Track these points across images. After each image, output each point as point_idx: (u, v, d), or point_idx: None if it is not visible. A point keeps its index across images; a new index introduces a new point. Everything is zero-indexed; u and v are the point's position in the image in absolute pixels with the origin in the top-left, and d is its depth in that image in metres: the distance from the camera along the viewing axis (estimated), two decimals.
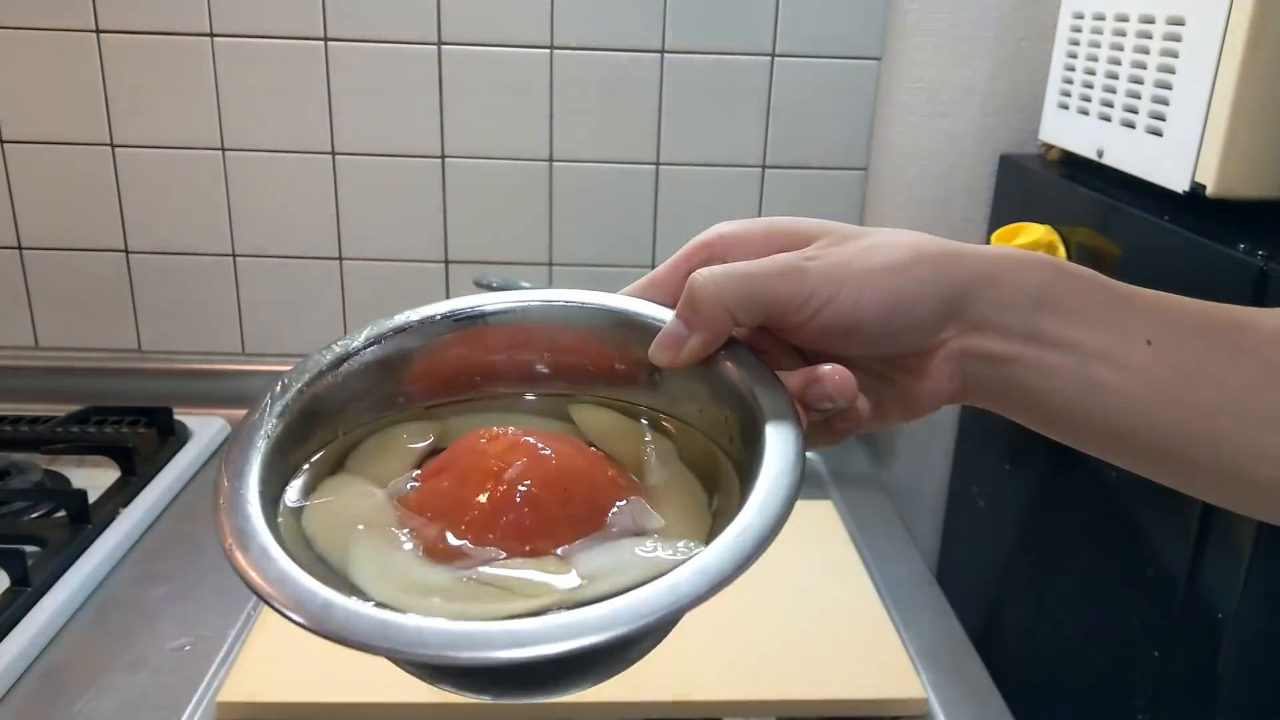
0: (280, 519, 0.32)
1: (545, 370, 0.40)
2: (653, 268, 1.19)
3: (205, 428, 0.99)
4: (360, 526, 0.33)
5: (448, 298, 0.37)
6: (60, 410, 0.98)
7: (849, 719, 0.67)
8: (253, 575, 0.28)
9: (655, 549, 0.32)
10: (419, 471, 0.36)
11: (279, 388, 0.35)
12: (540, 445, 0.34)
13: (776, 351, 0.37)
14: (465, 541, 0.32)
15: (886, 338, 0.36)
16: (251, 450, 0.33)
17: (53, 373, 1.05)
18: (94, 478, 0.88)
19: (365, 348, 0.38)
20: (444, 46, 0.98)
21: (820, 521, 0.87)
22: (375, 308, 1.06)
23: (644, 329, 0.37)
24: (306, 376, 0.36)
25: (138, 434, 0.94)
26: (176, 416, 0.98)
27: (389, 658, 0.27)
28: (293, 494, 0.34)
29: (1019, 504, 0.94)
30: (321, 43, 0.98)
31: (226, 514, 0.30)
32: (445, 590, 0.31)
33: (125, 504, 0.84)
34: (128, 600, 0.74)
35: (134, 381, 1.05)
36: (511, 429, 0.35)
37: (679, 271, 0.38)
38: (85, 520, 0.80)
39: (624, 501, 0.34)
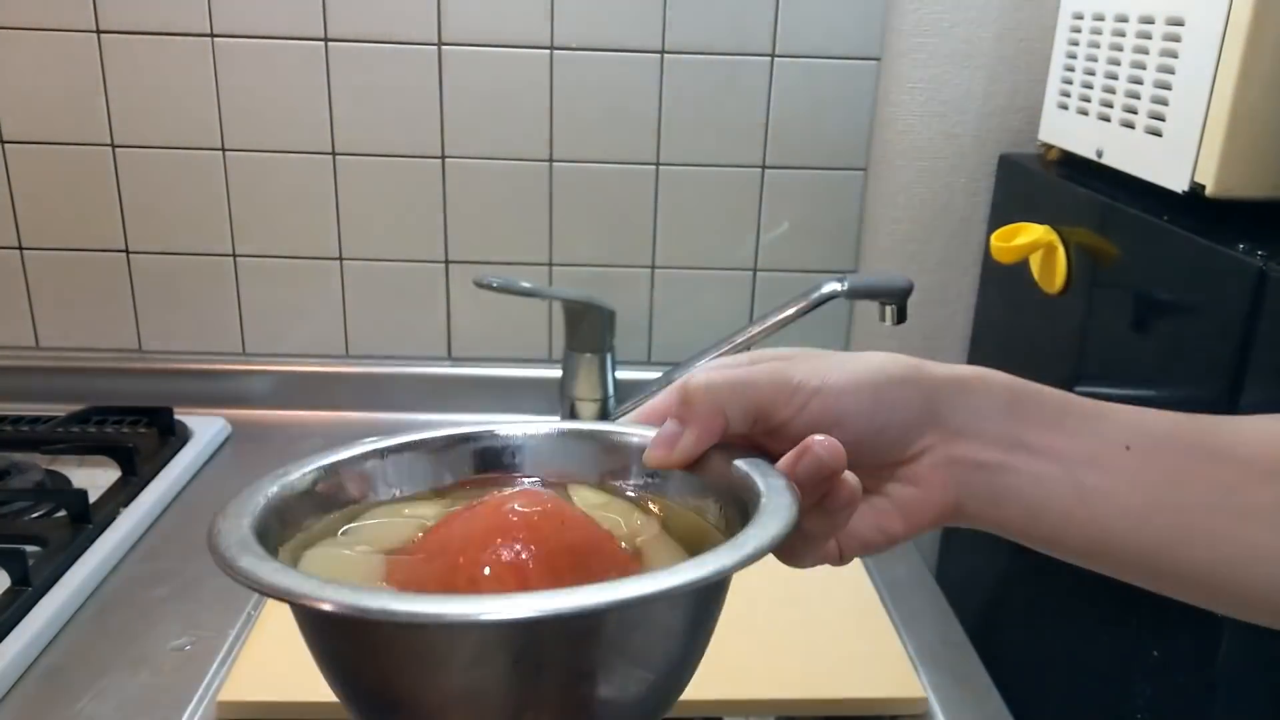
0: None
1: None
2: (652, 268, 1.19)
3: (206, 428, 0.99)
4: (358, 580, 0.33)
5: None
6: (61, 410, 0.99)
7: (849, 718, 0.67)
8: (246, 570, 0.29)
9: None
10: (420, 536, 0.36)
11: (280, 470, 0.36)
12: (540, 494, 0.36)
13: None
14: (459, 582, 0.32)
15: (871, 436, 0.38)
16: (250, 504, 0.34)
17: (53, 373, 1.05)
18: (94, 477, 0.88)
19: (365, 458, 0.38)
20: (444, 47, 0.98)
21: None
22: (375, 308, 1.06)
23: (637, 448, 0.39)
24: (305, 470, 0.37)
25: (138, 434, 0.94)
26: (177, 416, 0.98)
27: (390, 623, 0.27)
28: (286, 554, 0.34)
29: None
30: (322, 43, 0.98)
31: (221, 535, 0.31)
32: None
33: (126, 504, 0.84)
34: (128, 600, 0.75)
35: (134, 381, 1.05)
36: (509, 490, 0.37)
37: (673, 399, 0.39)
38: (86, 520, 0.80)
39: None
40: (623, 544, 0.36)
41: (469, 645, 0.28)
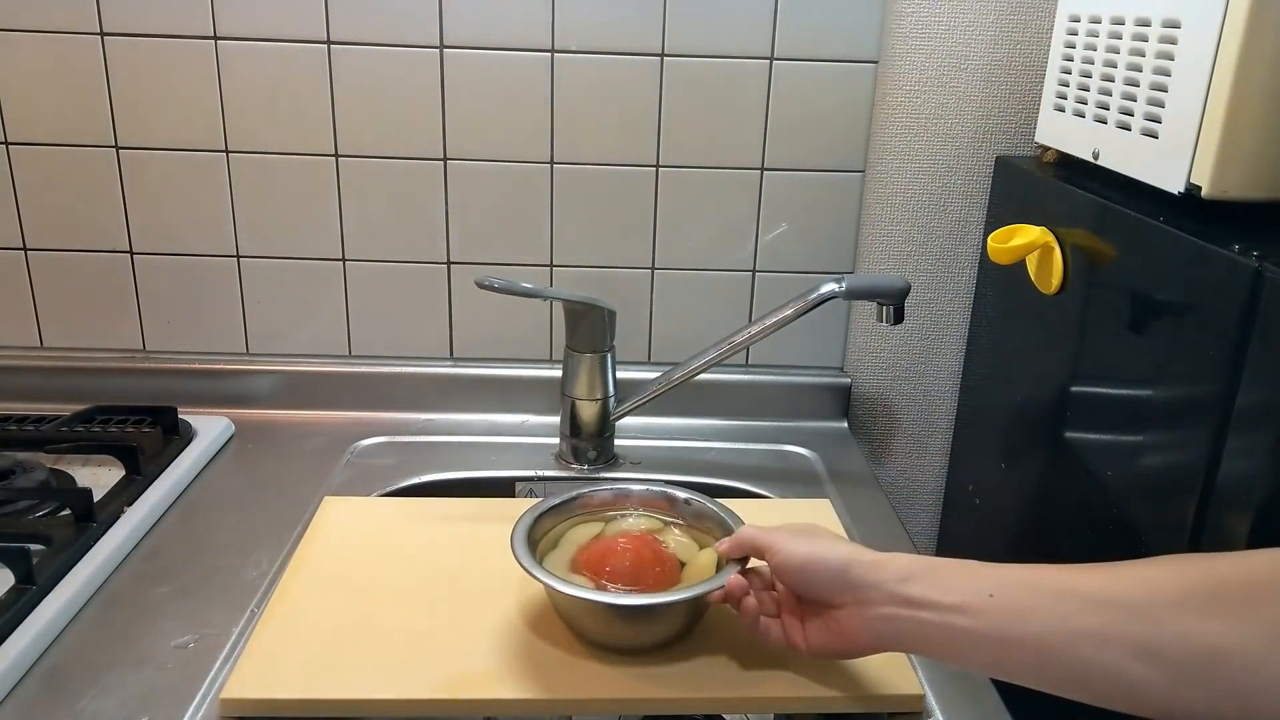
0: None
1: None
2: (652, 268, 1.19)
3: (209, 427, 0.99)
4: (563, 568, 0.73)
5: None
6: (65, 410, 0.99)
7: (847, 715, 0.67)
8: (527, 567, 0.68)
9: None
10: (586, 545, 0.75)
11: (535, 503, 0.76)
12: (640, 538, 0.75)
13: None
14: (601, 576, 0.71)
15: (802, 588, 0.63)
16: (523, 523, 0.73)
17: (58, 373, 1.06)
18: (99, 476, 0.88)
19: (576, 497, 0.78)
20: (446, 50, 0.99)
21: (818, 519, 0.87)
22: (378, 308, 1.07)
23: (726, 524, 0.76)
24: (553, 501, 0.77)
25: (142, 433, 0.94)
26: (181, 416, 0.99)
27: (580, 603, 0.68)
28: (548, 542, 0.76)
29: (1014, 502, 0.95)
30: (325, 46, 0.98)
31: (516, 541, 0.71)
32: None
33: (130, 503, 0.85)
34: (132, 598, 0.75)
35: (139, 381, 1.06)
36: (631, 534, 0.76)
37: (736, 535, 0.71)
38: (90, 519, 0.80)
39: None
40: (680, 558, 0.74)
41: (587, 608, 0.68)
